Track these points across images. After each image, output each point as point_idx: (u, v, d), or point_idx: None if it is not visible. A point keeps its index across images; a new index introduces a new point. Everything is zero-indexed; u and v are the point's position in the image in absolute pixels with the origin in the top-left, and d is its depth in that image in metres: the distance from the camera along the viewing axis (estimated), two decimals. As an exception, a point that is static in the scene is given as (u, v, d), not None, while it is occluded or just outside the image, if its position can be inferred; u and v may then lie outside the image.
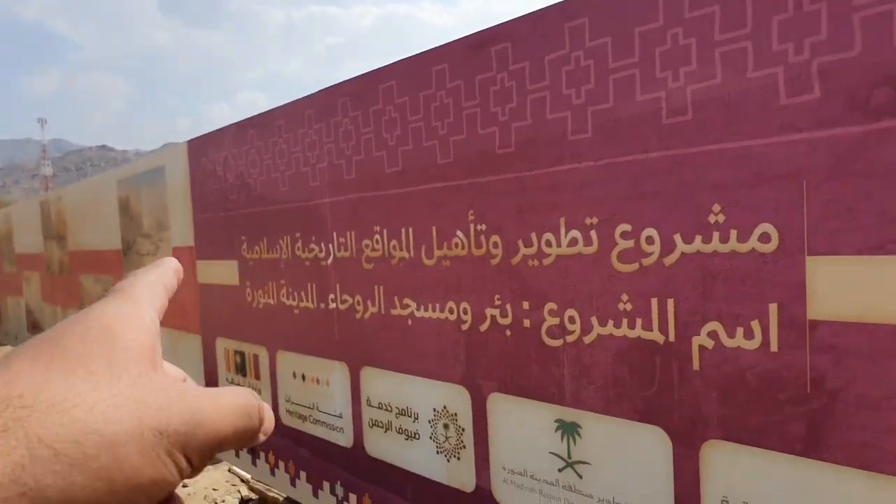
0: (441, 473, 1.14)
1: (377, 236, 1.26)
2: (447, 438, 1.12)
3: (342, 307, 1.39)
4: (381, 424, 1.30)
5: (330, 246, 1.40)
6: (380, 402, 1.29)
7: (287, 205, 1.55)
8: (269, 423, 0.38)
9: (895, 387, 0.59)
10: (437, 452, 1.14)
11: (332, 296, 1.42)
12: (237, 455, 1.91)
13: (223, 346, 1.91)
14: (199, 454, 0.31)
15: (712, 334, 0.73)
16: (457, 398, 1.09)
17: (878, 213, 0.60)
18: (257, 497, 2.14)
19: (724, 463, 0.73)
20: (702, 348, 0.74)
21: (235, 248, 1.78)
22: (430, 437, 1.16)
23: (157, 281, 0.38)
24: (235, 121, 1.74)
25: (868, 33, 0.61)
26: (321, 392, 1.49)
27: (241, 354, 1.83)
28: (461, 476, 1.10)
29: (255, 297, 1.70)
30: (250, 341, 1.77)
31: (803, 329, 0.65)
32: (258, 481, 2.10)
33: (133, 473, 0.28)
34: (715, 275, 0.73)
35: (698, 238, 0.74)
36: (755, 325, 0.69)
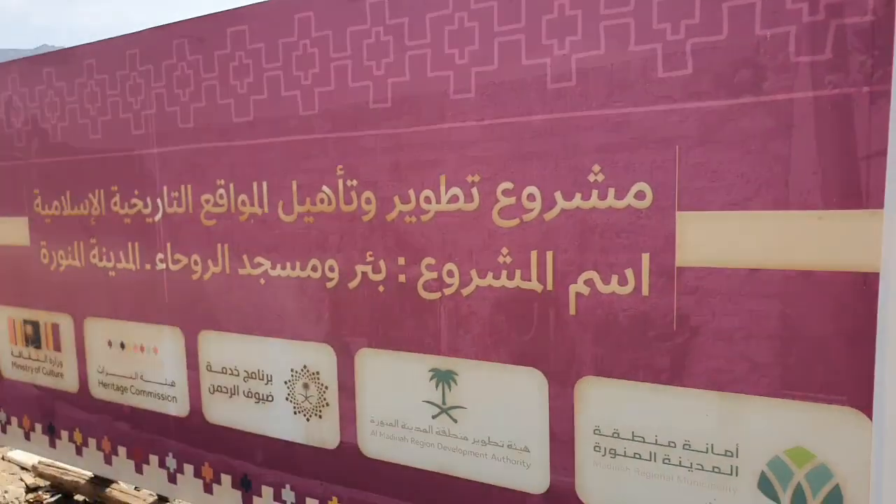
0: (299, 433, 1.12)
1: (221, 191, 1.19)
2: (307, 398, 1.10)
3: (174, 268, 1.28)
4: (224, 390, 1.23)
5: (158, 201, 1.28)
6: (224, 367, 1.23)
7: (100, 154, 1.38)
8: None
9: (745, 320, 0.71)
10: (295, 413, 1.12)
11: (160, 256, 1.30)
12: (27, 438, 1.68)
13: (6, 315, 1.65)
14: None
15: (588, 282, 0.81)
16: (319, 356, 1.08)
17: (737, 174, 0.71)
18: (48, 483, 1.90)
19: (596, 397, 0.82)
20: (578, 295, 0.82)
21: (24, 204, 1.55)
22: (287, 399, 1.13)
23: None
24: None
25: (734, 20, 0.71)
26: (146, 360, 1.37)
27: (34, 324, 1.60)
28: (322, 434, 1.09)
29: (55, 259, 1.50)
30: (47, 309, 1.56)
31: (672, 275, 0.75)
32: (49, 465, 1.86)
33: None
34: (593, 228, 0.80)
35: (578, 195, 0.81)
36: (629, 272, 0.78)
